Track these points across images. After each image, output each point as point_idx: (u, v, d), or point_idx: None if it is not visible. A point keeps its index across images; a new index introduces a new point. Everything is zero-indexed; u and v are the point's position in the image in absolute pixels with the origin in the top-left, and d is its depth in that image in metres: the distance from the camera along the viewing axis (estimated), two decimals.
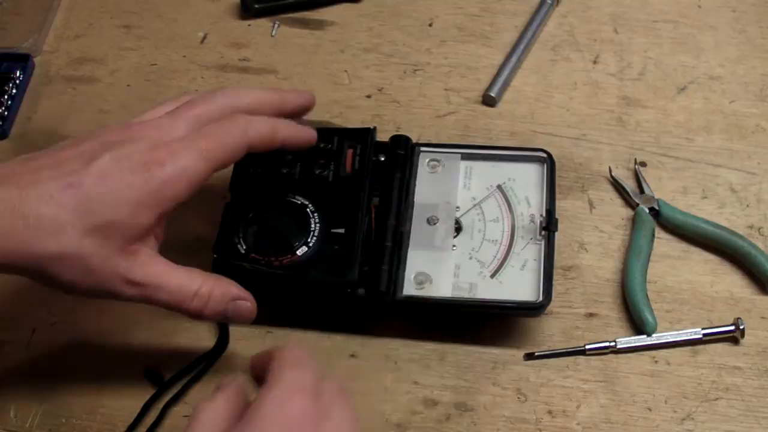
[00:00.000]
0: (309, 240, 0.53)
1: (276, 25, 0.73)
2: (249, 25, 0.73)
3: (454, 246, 0.55)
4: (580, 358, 0.55)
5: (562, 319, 0.56)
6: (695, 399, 0.53)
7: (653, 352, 0.55)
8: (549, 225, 0.55)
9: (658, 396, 0.53)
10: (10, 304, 0.58)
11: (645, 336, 0.55)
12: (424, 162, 0.59)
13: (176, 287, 0.47)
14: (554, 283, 0.53)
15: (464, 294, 0.54)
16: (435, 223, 0.56)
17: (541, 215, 0.56)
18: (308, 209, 0.54)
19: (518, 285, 0.54)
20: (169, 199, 0.45)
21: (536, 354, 0.55)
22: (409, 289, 0.54)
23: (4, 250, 0.42)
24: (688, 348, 0.55)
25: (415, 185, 0.58)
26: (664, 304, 0.56)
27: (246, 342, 0.56)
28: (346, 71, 0.69)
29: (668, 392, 0.53)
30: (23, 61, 0.71)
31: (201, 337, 0.56)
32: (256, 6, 0.73)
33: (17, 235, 0.42)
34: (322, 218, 0.54)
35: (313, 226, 0.54)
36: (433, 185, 0.58)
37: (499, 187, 0.58)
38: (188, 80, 0.70)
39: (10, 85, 0.69)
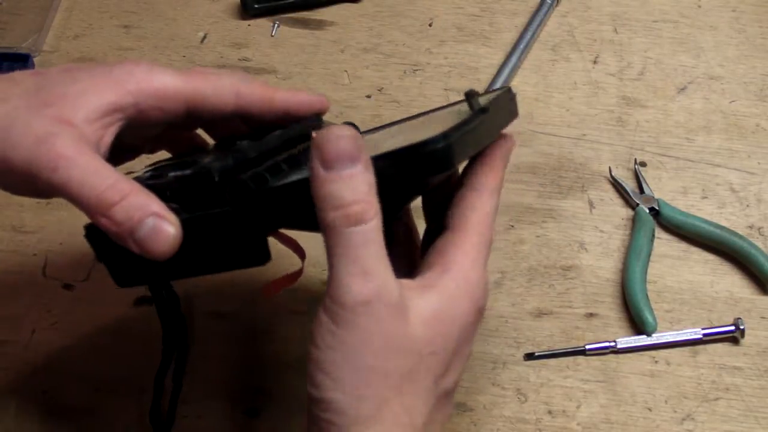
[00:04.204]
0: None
1: (276, 25, 0.73)
2: (249, 25, 0.73)
3: None
4: (580, 358, 0.55)
5: (562, 319, 0.56)
6: (695, 399, 0.53)
7: (653, 352, 0.55)
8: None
9: (658, 396, 0.53)
10: (10, 304, 0.58)
11: (645, 336, 0.55)
12: None
13: (92, 168, 0.38)
14: (551, 281, 0.53)
15: None
16: None
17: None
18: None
19: None
20: (131, 92, 0.41)
21: (536, 354, 0.55)
22: None
23: None
24: (688, 348, 0.55)
25: None
26: (664, 304, 0.56)
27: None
28: (346, 71, 0.69)
29: (668, 392, 0.53)
30: (23, 61, 0.71)
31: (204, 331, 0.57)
32: (256, 6, 0.73)
33: None
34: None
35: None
36: None
37: None
38: None
39: None
